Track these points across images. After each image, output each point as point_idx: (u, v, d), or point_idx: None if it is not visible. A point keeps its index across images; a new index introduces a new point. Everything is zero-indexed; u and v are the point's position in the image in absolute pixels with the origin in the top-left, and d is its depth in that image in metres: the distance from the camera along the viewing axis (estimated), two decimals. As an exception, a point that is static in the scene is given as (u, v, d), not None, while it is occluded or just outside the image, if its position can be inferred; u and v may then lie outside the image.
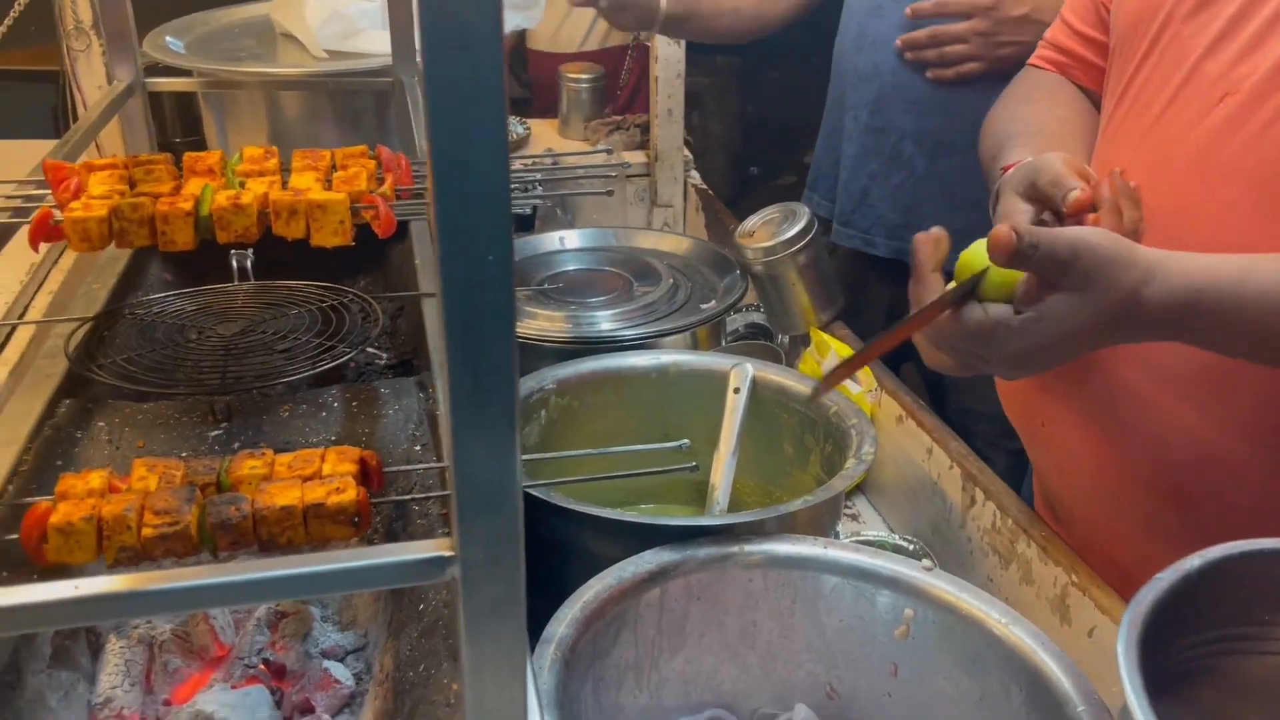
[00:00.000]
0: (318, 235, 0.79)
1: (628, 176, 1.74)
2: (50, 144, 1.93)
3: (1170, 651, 0.53)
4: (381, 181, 0.85)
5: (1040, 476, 1.05)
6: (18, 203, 0.81)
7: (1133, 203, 0.80)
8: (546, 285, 1.28)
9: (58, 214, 0.77)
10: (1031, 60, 1.05)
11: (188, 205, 0.77)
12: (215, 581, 0.40)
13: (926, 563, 0.83)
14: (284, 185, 0.83)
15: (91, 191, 0.79)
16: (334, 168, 0.87)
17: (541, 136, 1.88)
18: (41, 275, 1.37)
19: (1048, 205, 0.81)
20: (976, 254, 0.73)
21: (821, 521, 0.93)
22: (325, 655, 0.75)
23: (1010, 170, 0.87)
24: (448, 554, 0.44)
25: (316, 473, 0.70)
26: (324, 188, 0.82)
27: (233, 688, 0.70)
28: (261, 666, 0.74)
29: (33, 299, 1.32)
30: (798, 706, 0.73)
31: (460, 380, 0.41)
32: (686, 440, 0.79)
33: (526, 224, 1.59)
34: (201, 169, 0.84)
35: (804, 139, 2.30)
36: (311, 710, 0.71)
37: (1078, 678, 0.72)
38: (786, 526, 0.89)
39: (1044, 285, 0.69)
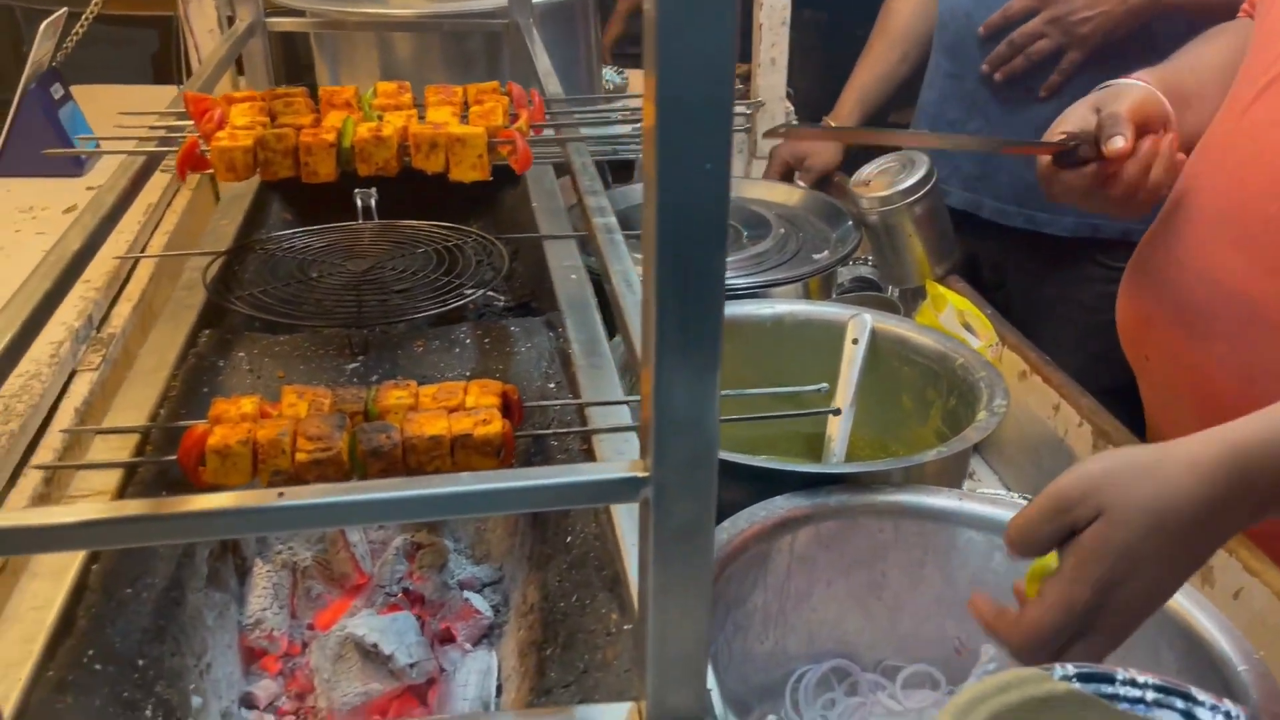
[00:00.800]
0: (456, 170, 0.79)
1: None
2: (151, 89, 1.96)
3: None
4: (515, 118, 0.84)
5: (1149, 414, 1.03)
6: (161, 133, 0.82)
7: (1166, 168, 0.88)
8: (654, 233, 1.26)
9: (203, 145, 0.78)
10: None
11: (330, 137, 0.77)
12: (435, 492, 0.39)
13: (1068, 517, 0.80)
14: (420, 120, 0.82)
15: (234, 122, 0.80)
16: (466, 104, 0.87)
17: (639, 87, 1.85)
18: (157, 216, 1.40)
19: (1096, 134, 0.87)
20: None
21: (949, 475, 0.91)
22: (462, 586, 0.76)
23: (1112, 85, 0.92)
24: (641, 475, 0.43)
25: (460, 405, 0.70)
26: (460, 123, 0.82)
27: (379, 613, 0.71)
28: (401, 595, 0.75)
29: (150, 238, 1.35)
30: (985, 646, 0.71)
31: (667, 294, 0.40)
32: (824, 384, 0.77)
33: (627, 172, 1.57)
34: (339, 102, 0.84)
35: (888, 98, 2.25)
36: (453, 639, 0.71)
37: (1236, 638, 0.70)
38: (914, 478, 0.87)
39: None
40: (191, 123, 0.82)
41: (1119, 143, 0.86)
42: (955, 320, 1.17)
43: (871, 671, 0.86)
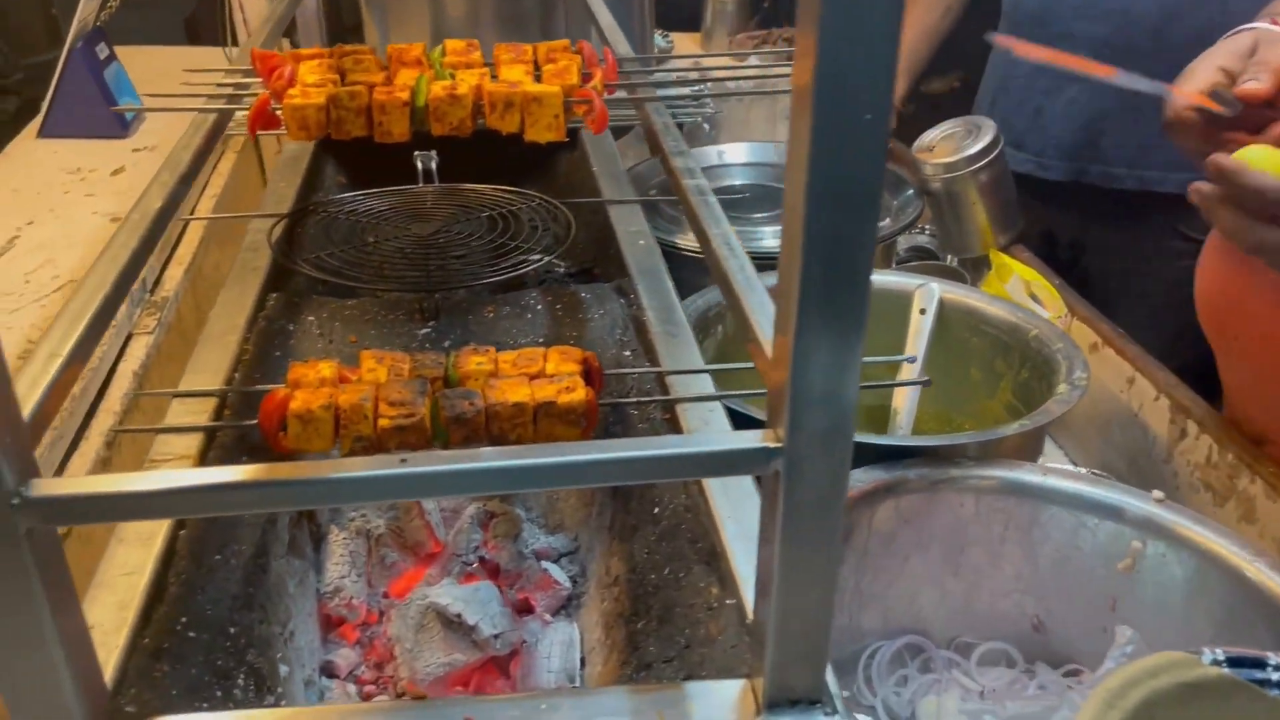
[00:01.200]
0: (531, 130, 0.77)
1: (775, 93, 1.67)
2: (190, 51, 1.94)
3: None
4: (588, 77, 0.82)
5: (1229, 394, 1.00)
6: (229, 90, 0.80)
7: None
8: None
9: (274, 103, 0.76)
10: None
11: (404, 95, 0.75)
12: (566, 460, 0.38)
13: (1157, 493, 0.78)
14: (493, 79, 0.80)
15: (304, 80, 0.78)
16: (537, 63, 0.84)
17: (684, 50, 1.82)
18: (203, 180, 1.38)
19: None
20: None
21: (1027, 450, 0.89)
22: (538, 556, 0.75)
23: (1242, 32, 0.87)
24: (774, 445, 0.42)
25: (541, 371, 0.68)
26: (533, 82, 0.79)
27: (458, 583, 0.70)
28: (478, 564, 0.73)
29: (198, 202, 1.33)
30: (1120, 628, 0.70)
31: (814, 256, 0.38)
32: (914, 354, 0.75)
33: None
34: (409, 60, 0.81)
35: (933, 57, 2.22)
36: (531, 609, 0.70)
37: (1338, 620, 0.68)
38: (990, 453, 0.85)
39: None
40: (257, 80, 0.80)
41: (1253, 85, 0.82)
42: (1021, 291, 1.14)
43: (946, 648, 0.85)
